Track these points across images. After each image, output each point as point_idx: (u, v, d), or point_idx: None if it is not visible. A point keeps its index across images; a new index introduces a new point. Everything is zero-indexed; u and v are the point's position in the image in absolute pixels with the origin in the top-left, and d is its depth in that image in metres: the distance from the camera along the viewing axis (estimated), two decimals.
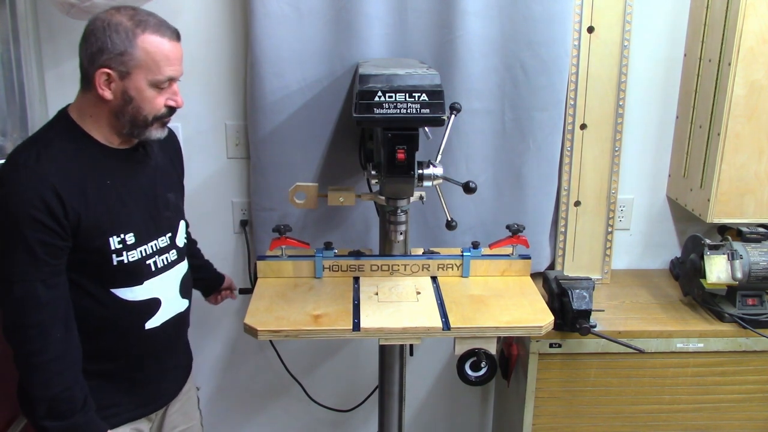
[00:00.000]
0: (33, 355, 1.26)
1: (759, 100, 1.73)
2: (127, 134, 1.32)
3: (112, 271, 1.33)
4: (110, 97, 1.26)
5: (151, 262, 1.39)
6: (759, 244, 1.79)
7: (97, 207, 1.28)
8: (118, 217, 1.32)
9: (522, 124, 1.86)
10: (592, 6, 1.82)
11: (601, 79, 1.87)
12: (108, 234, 1.30)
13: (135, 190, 1.37)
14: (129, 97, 1.26)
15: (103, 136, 1.32)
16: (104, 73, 1.24)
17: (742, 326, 1.76)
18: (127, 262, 1.33)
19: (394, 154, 1.36)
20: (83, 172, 1.27)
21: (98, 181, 1.29)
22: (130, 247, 1.34)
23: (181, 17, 1.82)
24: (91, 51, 1.24)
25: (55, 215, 1.22)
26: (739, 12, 1.67)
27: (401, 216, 1.56)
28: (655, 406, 1.82)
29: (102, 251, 1.30)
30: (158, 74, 1.27)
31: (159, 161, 1.45)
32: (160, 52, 1.26)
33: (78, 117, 1.30)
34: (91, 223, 1.27)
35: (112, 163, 1.33)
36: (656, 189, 2.08)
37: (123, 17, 1.25)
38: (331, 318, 1.47)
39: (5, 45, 1.58)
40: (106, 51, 1.23)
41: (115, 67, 1.24)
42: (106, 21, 1.24)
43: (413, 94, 1.31)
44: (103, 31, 1.23)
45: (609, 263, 2.02)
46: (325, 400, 2.20)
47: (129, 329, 1.39)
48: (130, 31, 1.24)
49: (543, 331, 1.49)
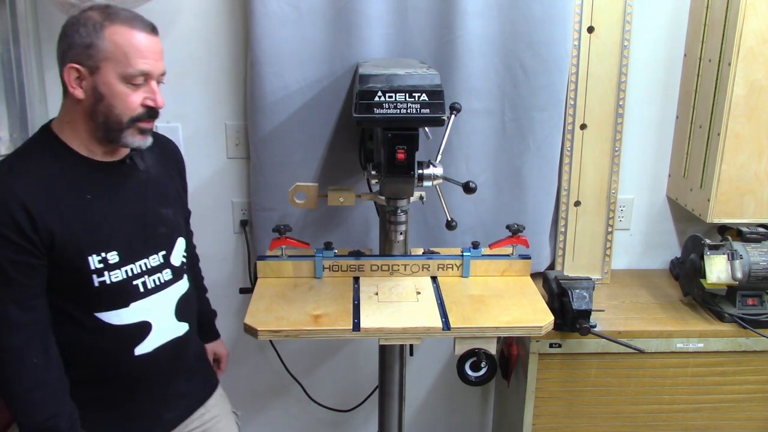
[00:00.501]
0: (9, 382, 1.19)
1: (759, 100, 1.73)
2: (103, 139, 1.24)
3: (94, 292, 1.25)
4: (81, 96, 1.20)
5: (139, 282, 1.31)
6: (759, 244, 1.79)
7: (73, 223, 1.21)
8: (98, 234, 1.24)
9: (522, 124, 1.86)
10: (592, 6, 1.82)
11: (601, 79, 1.87)
12: (86, 252, 1.23)
13: (120, 205, 1.29)
14: (99, 94, 1.20)
15: (84, 146, 1.25)
16: (72, 68, 1.19)
17: (742, 326, 1.76)
18: (109, 282, 1.26)
19: (394, 154, 1.36)
20: (60, 186, 1.21)
21: (76, 196, 1.23)
22: (113, 266, 1.26)
23: (181, 17, 1.82)
24: (62, 49, 1.20)
25: (22, 231, 1.15)
26: (739, 12, 1.67)
27: (401, 216, 1.56)
28: (655, 406, 1.82)
29: (81, 271, 1.23)
30: (128, 67, 1.19)
31: (152, 174, 1.37)
32: (129, 43, 1.19)
33: (58, 128, 1.25)
34: (66, 241, 1.20)
35: (94, 176, 1.26)
36: (656, 189, 2.08)
37: (93, 12, 1.20)
38: (331, 318, 1.47)
39: (5, 45, 1.58)
40: (74, 46, 1.18)
41: (83, 61, 1.18)
42: (76, 18, 1.20)
43: (413, 94, 1.31)
44: (72, 26, 1.19)
45: (609, 263, 2.02)
46: (325, 400, 2.20)
47: (116, 355, 1.31)
48: (97, 23, 1.18)
49: (543, 331, 1.49)
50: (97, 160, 1.27)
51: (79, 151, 1.25)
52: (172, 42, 1.83)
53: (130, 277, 1.29)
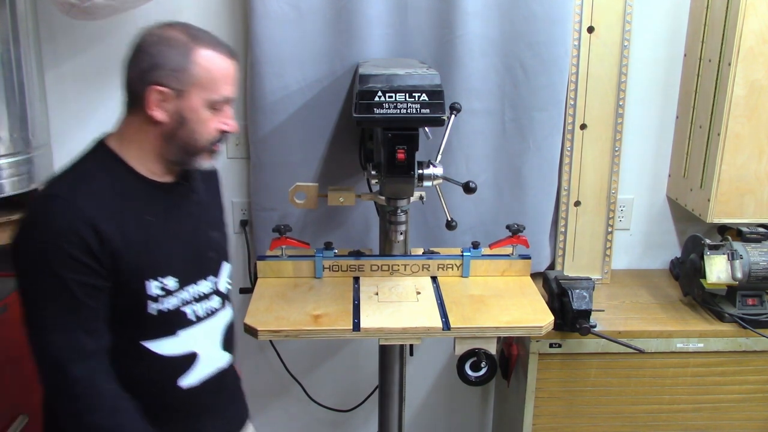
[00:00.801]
0: (87, 412, 1.10)
1: (759, 100, 1.73)
2: (176, 163, 1.19)
3: (145, 319, 1.16)
4: (162, 119, 1.13)
5: (188, 309, 1.22)
6: (759, 244, 1.79)
7: (135, 246, 1.13)
8: (158, 258, 1.17)
9: (522, 124, 1.86)
10: (592, 6, 1.82)
11: (601, 79, 1.87)
12: (145, 277, 1.15)
13: (176, 228, 1.22)
14: (183, 118, 1.14)
15: (146, 166, 1.18)
16: (157, 90, 1.11)
17: (742, 326, 1.76)
18: (162, 310, 1.18)
19: (394, 154, 1.36)
20: (121, 207, 1.13)
21: (137, 217, 1.15)
22: (170, 293, 1.18)
23: (181, 17, 1.82)
24: (142, 67, 1.12)
25: (91, 251, 1.07)
26: (739, 12, 1.67)
27: (401, 216, 1.56)
28: (655, 406, 1.82)
29: (137, 297, 1.15)
30: (215, 93, 1.15)
31: (202, 196, 1.31)
32: (218, 69, 1.15)
33: (119, 146, 1.17)
34: (128, 264, 1.12)
35: (154, 197, 1.19)
36: (656, 189, 2.08)
37: (177, 33, 1.14)
38: (331, 318, 1.47)
39: (5, 45, 1.58)
40: (160, 66, 1.11)
41: (170, 84, 1.11)
42: (157, 35, 1.13)
43: (413, 94, 1.32)
44: (156, 45, 1.12)
45: (609, 263, 2.02)
46: (325, 400, 2.20)
47: (160, 387, 1.22)
48: (186, 46, 1.13)
49: (543, 331, 1.49)
50: (156, 181, 1.20)
51: (138, 171, 1.18)
52: None
53: (181, 304, 1.21)
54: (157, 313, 1.17)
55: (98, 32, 1.81)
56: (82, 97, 1.86)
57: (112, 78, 1.85)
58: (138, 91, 1.13)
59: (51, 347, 1.08)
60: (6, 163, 1.59)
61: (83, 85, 1.85)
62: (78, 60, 1.83)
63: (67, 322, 1.08)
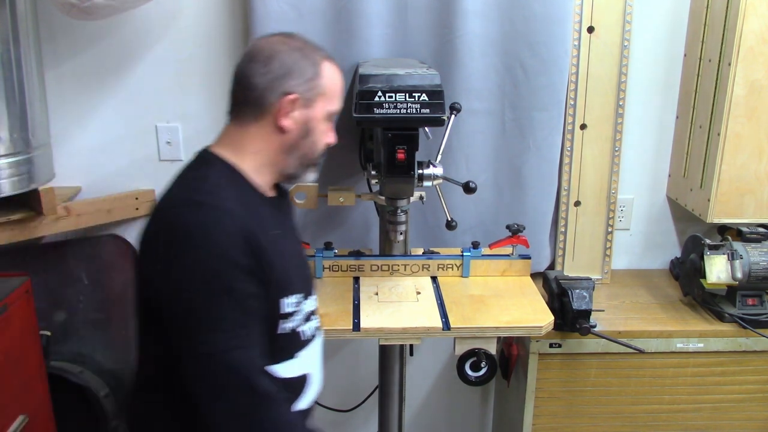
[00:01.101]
0: (279, 423, 1.03)
1: (759, 100, 1.73)
2: (289, 176, 1.15)
3: (274, 340, 1.08)
4: (291, 128, 1.10)
5: (302, 329, 1.15)
6: (759, 244, 1.79)
7: (276, 259, 1.06)
8: (289, 273, 1.11)
9: (522, 124, 1.86)
10: (592, 6, 1.82)
11: (601, 79, 1.87)
12: (282, 293, 1.09)
13: (290, 243, 1.19)
14: (308, 129, 1.12)
15: (260, 179, 1.12)
16: (290, 99, 1.08)
17: (742, 326, 1.76)
18: (288, 329, 1.11)
19: (394, 154, 1.37)
20: (255, 220, 1.06)
21: (268, 232, 1.08)
22: (296, 311, 1.12)
23: (181, 17, 1.82)
24: (274, 75, 1.08)
25: (257, 261, 1.01)
26: (739, 12, 1.67)
27: (401, 216, 1.56)
28: (655, 406, 1.82)
29: (273, 314, 1.08)
30: (334, 106, 1.15)
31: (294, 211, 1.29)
32: (338, 82, 1.15)
33: (235, 156, 1.10)
34: (274, 279, 1.05)
35: (272, 212, 1.14)
36: (656, 189, 2.08)
37: (301, 42, 1.12)
38: (331, 318, 1.47)
39: (5, 45, 1.57)
40: (295, 75, 1.09)
41: (303, 93, 1.09)
42: (287, 44, 1.11)
43: (413, 94, 1.32)
44: (289, 54, 1.09)
45: (609, 263, 2.02)
46: (325, 400, 2.20)
47: None
48: (314, 55, 1.11)
49: (543, 331, 1.49)
50: (268, 196, 1.16)
51: (255, 185, 1.12)
52: (172, 42, 1.83)
53: (299, 323, 1.14)
54: (285, 332, 1.10)
55: (98, 32, 1.81)
56: (82, 97, 1.86)
57: (112, 78, 1.85)
58: (266, 100, 1.09)
59: (235, 363, 0.98)
60: (6, 163, 1.59)
61: (83, 85, 1.85)
62: (78, 60, 1.83)
63: (244, 336, 1.00)
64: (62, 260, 1.89)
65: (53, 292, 1.87)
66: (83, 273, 1.91)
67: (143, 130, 1.90)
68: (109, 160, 1.90)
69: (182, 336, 0.99)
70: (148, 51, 1.84)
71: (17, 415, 1.59)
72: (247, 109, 1.11)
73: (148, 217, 1.07)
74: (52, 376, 1.70)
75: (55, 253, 1.89)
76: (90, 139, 1.89)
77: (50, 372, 1.70)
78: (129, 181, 1.92)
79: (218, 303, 0.98)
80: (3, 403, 1.53)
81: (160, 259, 1.00)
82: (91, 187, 1.91)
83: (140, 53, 1.84)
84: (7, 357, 1.52)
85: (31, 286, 1.58)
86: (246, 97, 1.10)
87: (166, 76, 1.86)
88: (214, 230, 0.98)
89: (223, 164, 1.10)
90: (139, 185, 1.93)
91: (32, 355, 1.61)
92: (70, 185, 1.89)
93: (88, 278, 1.91)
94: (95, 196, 1.87)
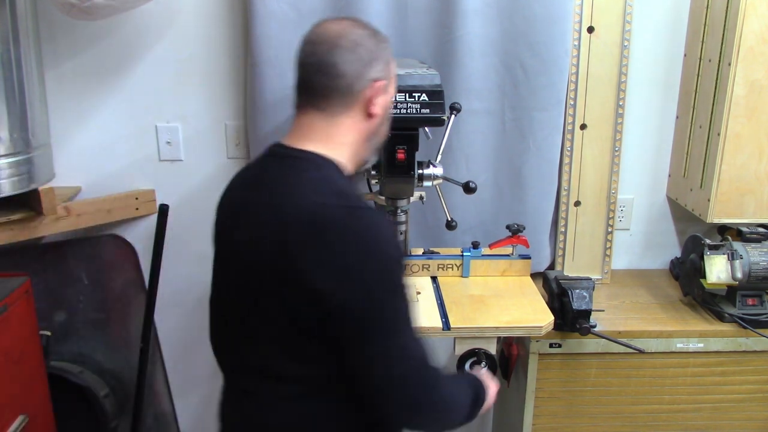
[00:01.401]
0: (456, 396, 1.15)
1: (759, 100, 1.73)
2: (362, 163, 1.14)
3: None
4: (378, 114, 1.08)
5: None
6: (759, 244, 1.79)
7: None
8: None
9: (522, 124, 1.86)
10: (592, 6, 1.82)
11: (601, 79, 1.87)
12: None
13: None
14: (386, 114, 1.11)
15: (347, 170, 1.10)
16: (379, 85, 1.07)
17: (742, 326, 1.76)
18: None
19: (394, 154, 1.37)
20: None
21: None
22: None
23: (181, 17, 1.82)
24: (362, 63, 1.05)
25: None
26: (739, 12, 1.67)
27: (401, 216, 1.56)
28: (655, 406, 1.82)
29: None
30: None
31: None
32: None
33: (328, 150, 1.07)
34: None
35: None
36: (656, 189, 2.08)
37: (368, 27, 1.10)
38: None
39: (5, 45, 1.58)
40: (378, 60, 1.07)
41: (385, 78, 1.08)
42: (362, 28, 1.09)
43: (413, 94, 1.32)
44: (368, 39, 1.07)
45: (609, 263, 2.02)
46: None
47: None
48: (383, 41, 1.10)
49: (543, 331, 1.49)
50: None
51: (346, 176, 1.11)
52: (172, 42, 1.83)
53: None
54: None
55: (98, 32, 1.81)
56: (82, 97, 1.86)
57: (112, 78, 1.85)
58: (356, 87, 1.06)
59: (416, 352, 1.06)
60: (6, 163, 1.59)
61: (83, 85, 1.85)
62: (78, 60, 1.83)
63: (413, 329, 1.06)
64: (62, 260, 1.89)
65: (53, 292, 1.88)
66: (83, 273, 1.91)
67: (143, 130, 1.90)
68: (109, 160, 1.91)
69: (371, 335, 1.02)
70: (148, 51, 1.84)
71: (17, 415, 1.59)
72: (335, 99, 1.06)
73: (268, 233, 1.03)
74: (52, 376, 1.70)
75: (55, 253, 1.89)
76: (90, 139, 1.89)
77: (50, 372, 1.70)
78: (129, 181, 1.92)
79: (402, 300, 1.03)
80: (3, 403, 1.53)
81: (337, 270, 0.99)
82: (91, 187, 1.91)
83: (140, 53, 1.84)
84: (7, 357, 1.52)
85: (31, 286, 1.58)
86: (335, 85, 1.05)
87: (166, 76, 1.86)
88: (391, 233, 1.06)
89: (323, 159, 1.07)
90: (139, 185, 1.93)
91: (32, 355, 1.61)
92: (70, 185, 1.89)
93: (88, 278, 1.91)
94: (95, 196, 1.87)
